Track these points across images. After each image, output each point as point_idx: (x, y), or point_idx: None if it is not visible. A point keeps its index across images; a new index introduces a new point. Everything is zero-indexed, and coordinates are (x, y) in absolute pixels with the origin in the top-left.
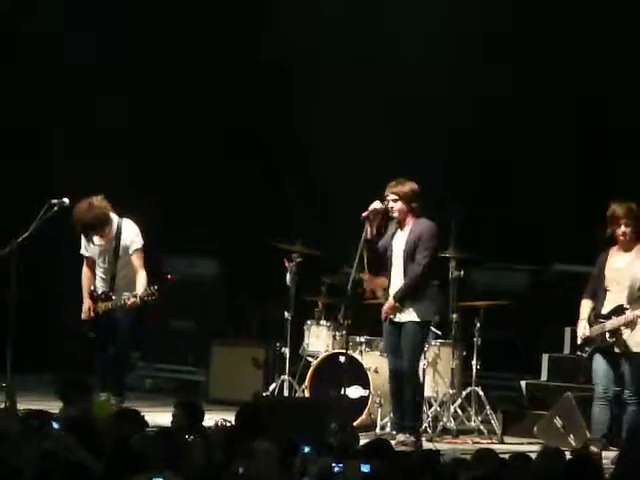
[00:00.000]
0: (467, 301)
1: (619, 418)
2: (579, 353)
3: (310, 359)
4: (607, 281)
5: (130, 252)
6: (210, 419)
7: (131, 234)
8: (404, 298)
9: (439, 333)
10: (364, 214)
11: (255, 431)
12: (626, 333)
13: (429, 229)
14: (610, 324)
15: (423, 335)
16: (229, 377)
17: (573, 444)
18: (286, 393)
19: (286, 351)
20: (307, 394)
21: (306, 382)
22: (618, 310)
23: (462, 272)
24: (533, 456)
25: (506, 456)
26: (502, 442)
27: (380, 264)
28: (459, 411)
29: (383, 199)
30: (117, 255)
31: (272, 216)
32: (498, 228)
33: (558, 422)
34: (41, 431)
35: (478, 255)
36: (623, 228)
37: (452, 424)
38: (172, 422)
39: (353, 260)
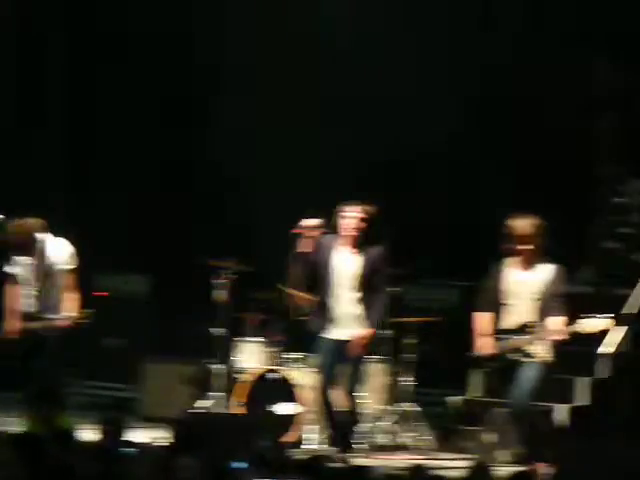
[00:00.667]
0: (400, 317)
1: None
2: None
3: (241, 376)
4: (508, 294)
5: (62, 272)
6: (143, 436)
7: (64, 254)
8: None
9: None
10: (296, 230)
11: (190, 448)
12: (530, 347)
13: (384, 255)
14: (516, 342)
15: (365, 355)
16: (161, 394)
17: (504, 459)
18: (217, 410)
19: (217, 368)
20: (238, 411)
21: (237, 399)
22: (524, 327)
23: (397, 288)
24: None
25: (440, 472)
26: (435, 458)
27: (312, 279)
28: (392, 427)
29: (315, 217)
30: (47, 275)
31: (205, 232)
32: (432, 244)
33: (490, 438)
34: None
35: (412, 271)
36: (525, 246)
37: (385, 440)
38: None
39: (285, 276)
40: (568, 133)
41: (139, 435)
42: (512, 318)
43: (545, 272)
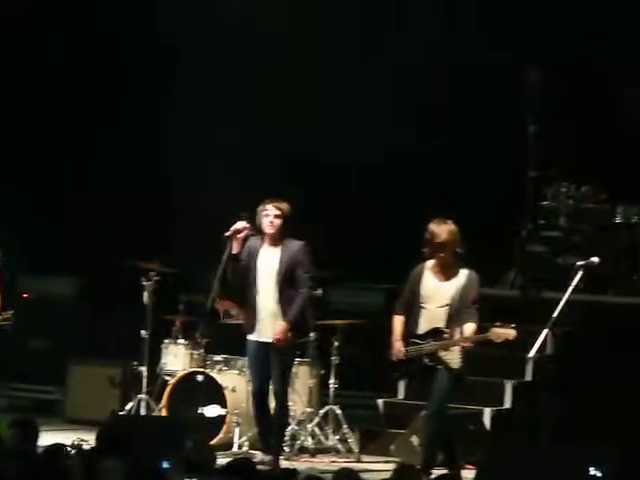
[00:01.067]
0: (325, 319)
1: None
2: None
3: (167, 378)
4: (423, 298)
5: None
6: (67, 438)
7: None
8: (296, 321)
9: (297, 352)
10: (227, 233)
11: (115, 451)
12: (442, 353)
13: (306, 251)
14: (429, 347)
15: (294, 356)
16: (86, 396)
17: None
18: (143, 412)
19: (143, 370)
20: (164, 413)
21: (163, 401)
22: (436, 332)
23: (321, 290)
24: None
25: (364, 475)
26: (359, 461)
27: (242, 281)
28: (317, 430)
29: (242, 219)
30: None
31: (130, 234)
32: (357, 246)
33: (415, 441)
34: None
35: (336, 273)
36: (440, 252)
37: (310, 443)
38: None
39: (212, 278)
40: (498, 136)
41: (63, 438)
42: (426, 323)
43: (460, 278)
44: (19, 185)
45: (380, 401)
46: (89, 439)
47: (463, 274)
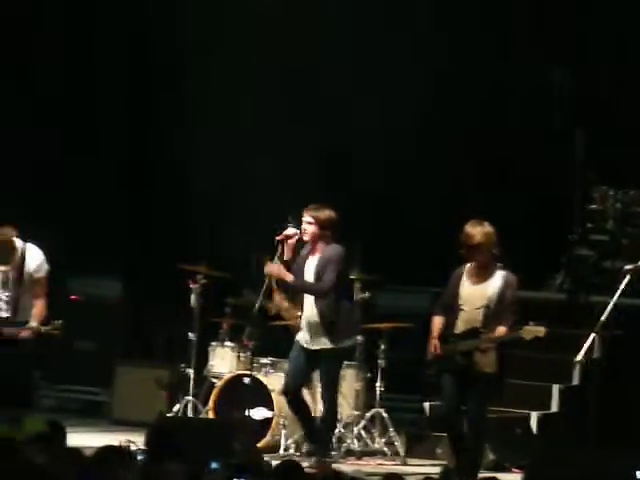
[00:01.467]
0: (371, 323)
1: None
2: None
3: (214, 380)
4: (461, 300)
5: (34, 278)
6: (114, 440)
7: (36, 260)
8: (301, 290)
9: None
10: (278, 237)
11: (167, 453)
12: (477, 355)
13: (337, 252)
14: (463, 345)
15: (340, 361)
16: (133, 398)
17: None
18: (190, 414)
19: (190, 372)
20: (211, 415)
21: (210, 403)
22: (472, 332)
23: (367, 294)
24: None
25: (410, 478)
26: (405, 464)
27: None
28: (363, 433)
29: (291, 224)
30: (21, 281)
31: (177, 236)
32: (401, 251)
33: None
34: None
35: (382, 277)
36: (476, 253)
37: (356, 446)
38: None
39: (258, 282)
40: (546, 138)
41: (110, 439)
42: (464, 324)
43: (496, 280)
44: (63, 185)
45: (426, 404)
46: (136, 441)
47: (500, 275)
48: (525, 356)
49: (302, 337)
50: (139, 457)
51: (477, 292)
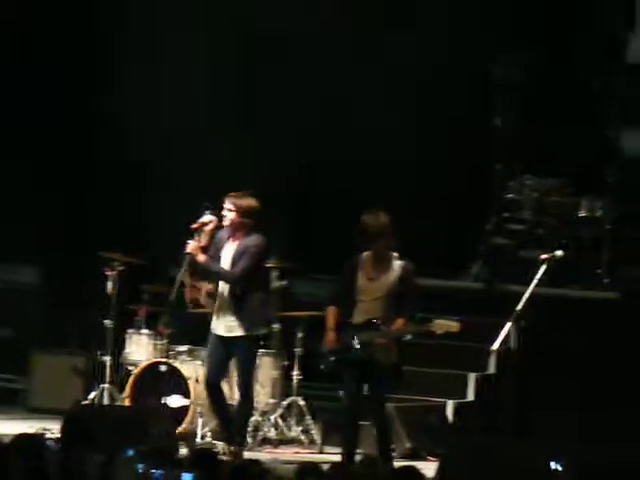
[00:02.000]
0: (288, 311)
1: None
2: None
3: (131, 368)
4: (358, 291)
5: None
6: (30, 427)
7: None
8: (207, 272)
9: (260, 343)
10: (194, 225)
11: (82, 441)
12: (376, 347)
13: (257, 243)
14: (363, 337)
15: (254, 349)
16: (49, 386)
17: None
18: (106, 402)
19: (107, 360)
20: (127, 403)
21: (126, 391)
22: (370, 324)
23: (285, 282)
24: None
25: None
26: (322, 452)
27: (206, 275)
28: (280, 421)
29: (215, 212)
30: None
31: (94, 222)
32: (323, 239)
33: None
34: None
35: (300, 265)
36: (374, 243)
37: (273, 434)
38: None
39: (176, 268)
40: (461, 130)
41: (26, 427)
42: (361, 315)
43: (394, 270)
44: None
45: (342, 392)
46: (52, 428)
47: (398, 265)
48: (441, 344)
49: (216, 325)
50: (54, 445)
51: (375, 283)
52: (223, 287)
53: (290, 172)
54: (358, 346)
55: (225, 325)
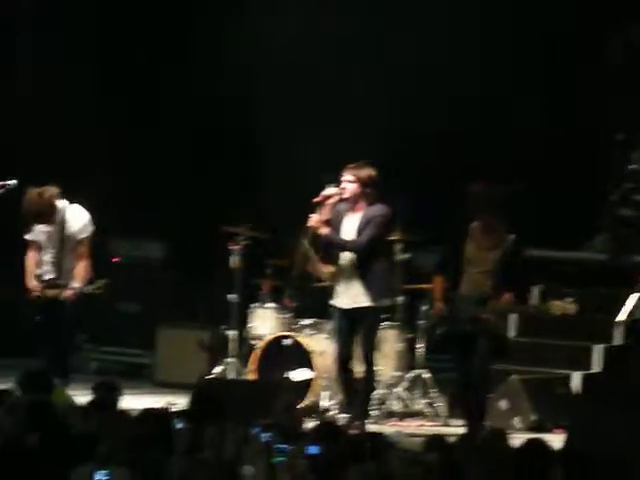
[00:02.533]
0: (412, 284)
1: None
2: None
3: (255, 342)
4: (467, 261)
5: (77, 239)
6: (156, 402)
7: (80, 221)
8: (331, 245)
9: (385, 316)
10: (317, 199)
11: (209, 415)
12: (483, 322)
13: (382, 212)
14: (471, 311)
15: (378, 320)
16: (175, 360)
17: (518, 426)
18: (231, 376)
19: (232, 334)
20: (252, 377)
21: (251, 365)
22: (477, 297)
23: (408, 254)
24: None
25: (453, 439)
26: (447, 425)
27: (329, 248)
28: (404, 394)
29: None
30: (63, 242)
31: (219, 197)
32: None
33: (503, 404)
34: None
35: (424, 237)
36: (483, 214)
37: (398, 407)
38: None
39: (300, 243)
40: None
41: (153, 401)
42: (469, 286)
43: (503, 242)
44: (105, 151)
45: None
46: (178, 402)
47: (507, 238)
48: (565, 316)
49: (339, 298)
50: (179, 420)
51: (484, 254)
52: (346, 259)
53: (413, 143)
54: (465, 320)
55: (349, 297)
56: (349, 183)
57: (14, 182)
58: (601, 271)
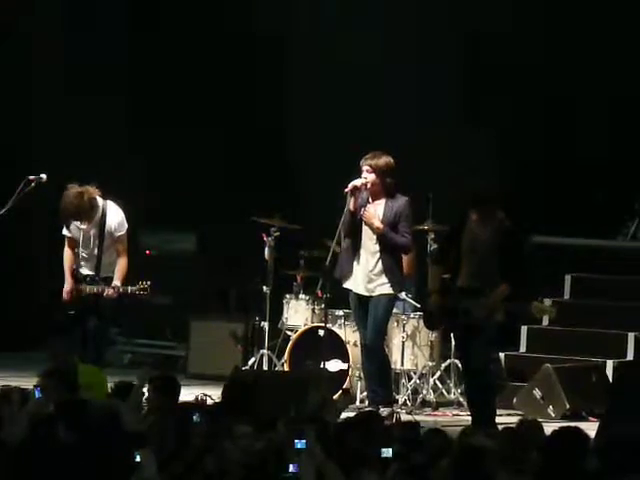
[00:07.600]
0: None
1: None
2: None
3: (289, 333)
4: (464, 252)
5: (114, 237)
6: (189, 394)
7: (116, 219)
8: (387, 241)
9: (418, 306)
10: (346, 189)
11: (242, 408)
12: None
13: (405, 205)
14: (466, 304)
15: (392, 306)
16: (208, 352)
17: (552, 415)
18: (265, 367)
19: (265, 325)
20: (286, 368)
21: (285, 356)
22: (473, 288)
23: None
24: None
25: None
26: None
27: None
28: (438, 383)
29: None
30: (102, 239)
31: (251, 190)
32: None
33: (537, 393)
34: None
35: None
36: (481, 204)
37: (431, 396)
38: (147, 399)
39: (332, 234)
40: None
41: (186, 393)
42: (465, 277)
43: (500, 233)
44: (137, 145)
45: (502, 354)
46: (212, 394)
47: (504, 229)
48: (599, 303)
49: (356, 284)
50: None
51: (480, 246)
52: (372, 248)
53: None
54: (462, 311)
55: (367, 283)
56: (368, 173)
57: (44, 176)
58: (635, 259)
